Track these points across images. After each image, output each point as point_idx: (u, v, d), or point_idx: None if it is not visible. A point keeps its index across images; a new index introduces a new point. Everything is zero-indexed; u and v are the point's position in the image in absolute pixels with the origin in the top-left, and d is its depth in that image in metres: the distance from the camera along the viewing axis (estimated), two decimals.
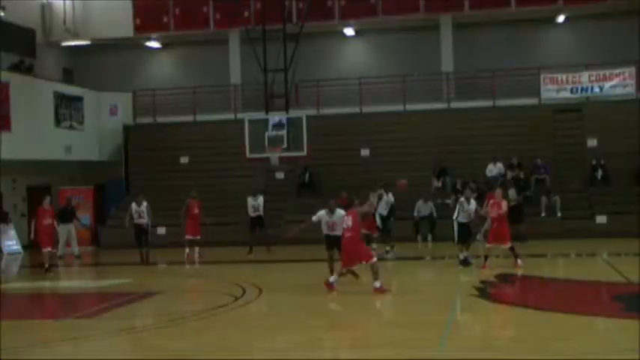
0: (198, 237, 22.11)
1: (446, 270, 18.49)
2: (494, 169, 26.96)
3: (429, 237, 25.20)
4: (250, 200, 22.55)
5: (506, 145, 27.42)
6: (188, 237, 22.08)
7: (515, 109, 28.02)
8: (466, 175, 25.91)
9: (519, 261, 17.55)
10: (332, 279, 14.57)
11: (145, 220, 20.80)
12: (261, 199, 22.54)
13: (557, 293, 15.15)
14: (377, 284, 14.14)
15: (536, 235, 21.94)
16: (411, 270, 18.78)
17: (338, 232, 14.96)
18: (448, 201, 25.85)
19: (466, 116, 28.30)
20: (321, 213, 15.39)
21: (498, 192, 18.03)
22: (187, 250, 22.00)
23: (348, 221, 14.48)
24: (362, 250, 14.61)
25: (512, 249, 17.64)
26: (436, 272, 18.99)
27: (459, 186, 25.76)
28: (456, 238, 18.20)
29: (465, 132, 27.97)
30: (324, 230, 15.38)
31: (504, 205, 17.69)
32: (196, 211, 22.20)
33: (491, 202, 17.78)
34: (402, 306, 13.35)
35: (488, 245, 17.76)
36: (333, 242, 15.22)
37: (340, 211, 15.05)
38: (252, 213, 22.54)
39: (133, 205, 20.92)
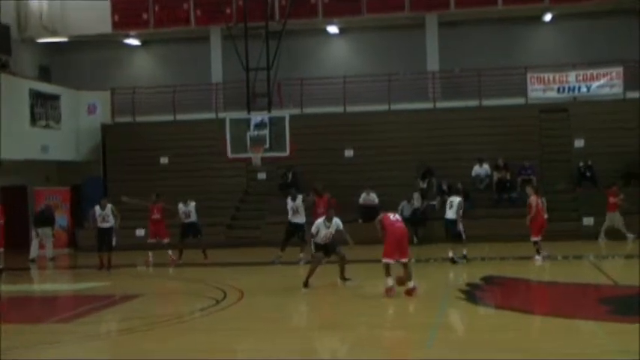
0: (165, 240, 21.75)
1: (431, 272, 18.27)
2: (480, 170, 26.72)
3: (414, 239, 24.78)
4: (181, 206, 21.73)
5: (493, 145, 27.18)
6: (150, 240, 22.00)
7: (502, 109, 27.74)
8: (451, 176, 25.63)
9: (537, 257, 19.17)
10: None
11: (108, 224, 20.51)
12: (192, 205, 21.76)
13: (543, 296, 15.18)
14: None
15: (523, 236, 21.60)
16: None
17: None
18: (433, 202, 25.52)
19: (452, 116, 27.99)
20: (319, 223, 15.13)
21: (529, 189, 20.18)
22: (150, 253, 21.69)
23: None
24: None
25: (535, 243, 19.42)
26: (422, 274, 18.57)
27: (444, 187, 25.46)
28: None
29: (451, 132, 27.65)
30: (320, 240, 15.12)
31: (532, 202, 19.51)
32: (157, 215, 21.82)
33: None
34: (388, 308, 13.35)
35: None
36: (330, 250, 15.22)
37: (337, 220, 14.95)
38: (184, 219, 21.74)
39: (97, 209, 20.67)
